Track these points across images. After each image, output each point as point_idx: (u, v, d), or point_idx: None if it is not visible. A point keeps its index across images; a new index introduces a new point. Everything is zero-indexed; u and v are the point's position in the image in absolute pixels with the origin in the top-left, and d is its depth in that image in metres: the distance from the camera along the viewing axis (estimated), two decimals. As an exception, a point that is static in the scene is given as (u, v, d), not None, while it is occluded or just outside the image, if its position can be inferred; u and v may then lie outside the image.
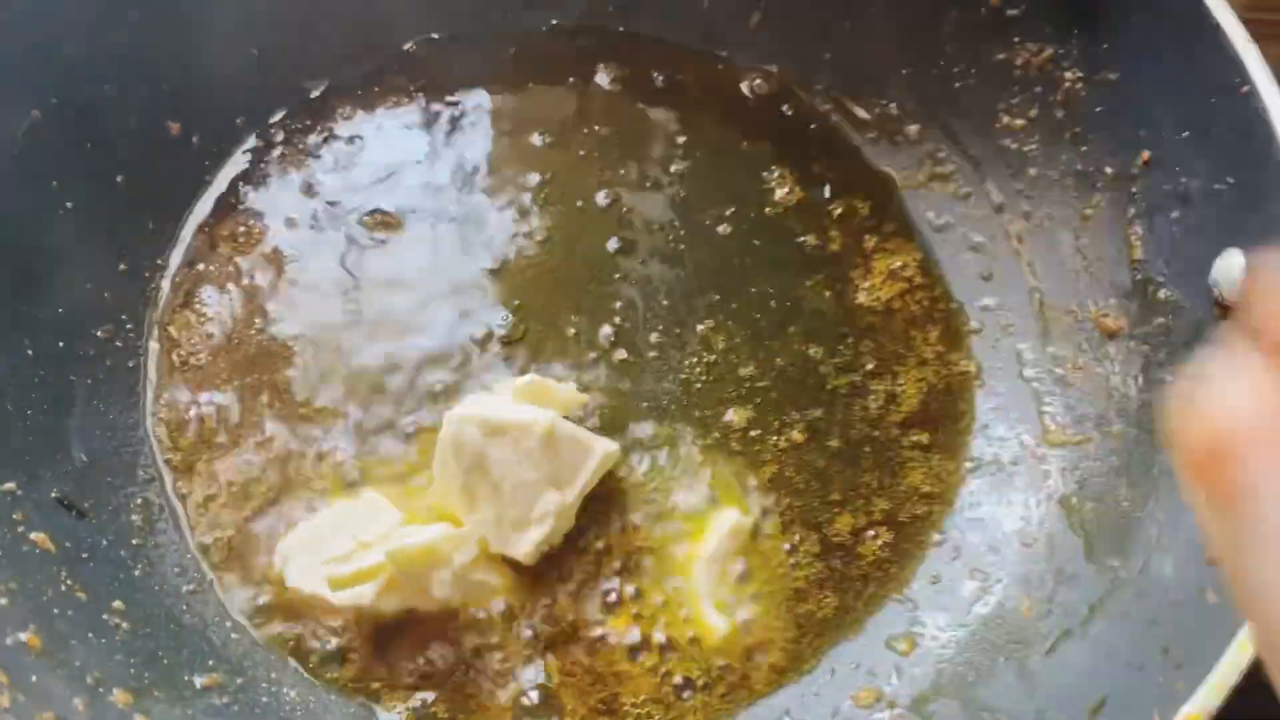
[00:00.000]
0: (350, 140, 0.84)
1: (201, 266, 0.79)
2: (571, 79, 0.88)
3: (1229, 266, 0.65)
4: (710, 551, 0.71)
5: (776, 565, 0.72)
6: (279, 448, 0.73)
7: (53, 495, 0.66)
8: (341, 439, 0.74)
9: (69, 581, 0.62)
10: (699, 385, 0.78)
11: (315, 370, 0.76)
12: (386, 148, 0.85)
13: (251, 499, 0.72)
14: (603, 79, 0.88)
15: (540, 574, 0.70)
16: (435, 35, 0.89)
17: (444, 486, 0.70)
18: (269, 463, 0.73)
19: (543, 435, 0.68)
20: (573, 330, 0.78)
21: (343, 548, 0.69)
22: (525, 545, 0.68)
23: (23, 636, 0.55)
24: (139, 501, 0.70)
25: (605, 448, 0.71)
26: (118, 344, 0.75)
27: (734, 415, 0.77)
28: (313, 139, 0.84)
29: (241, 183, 0.82)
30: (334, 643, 0.68)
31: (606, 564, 0.71)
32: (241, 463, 0.73)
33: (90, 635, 0.61)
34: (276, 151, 0.83)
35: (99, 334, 0.74)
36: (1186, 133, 0.70)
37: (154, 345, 0.76)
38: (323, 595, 0.67)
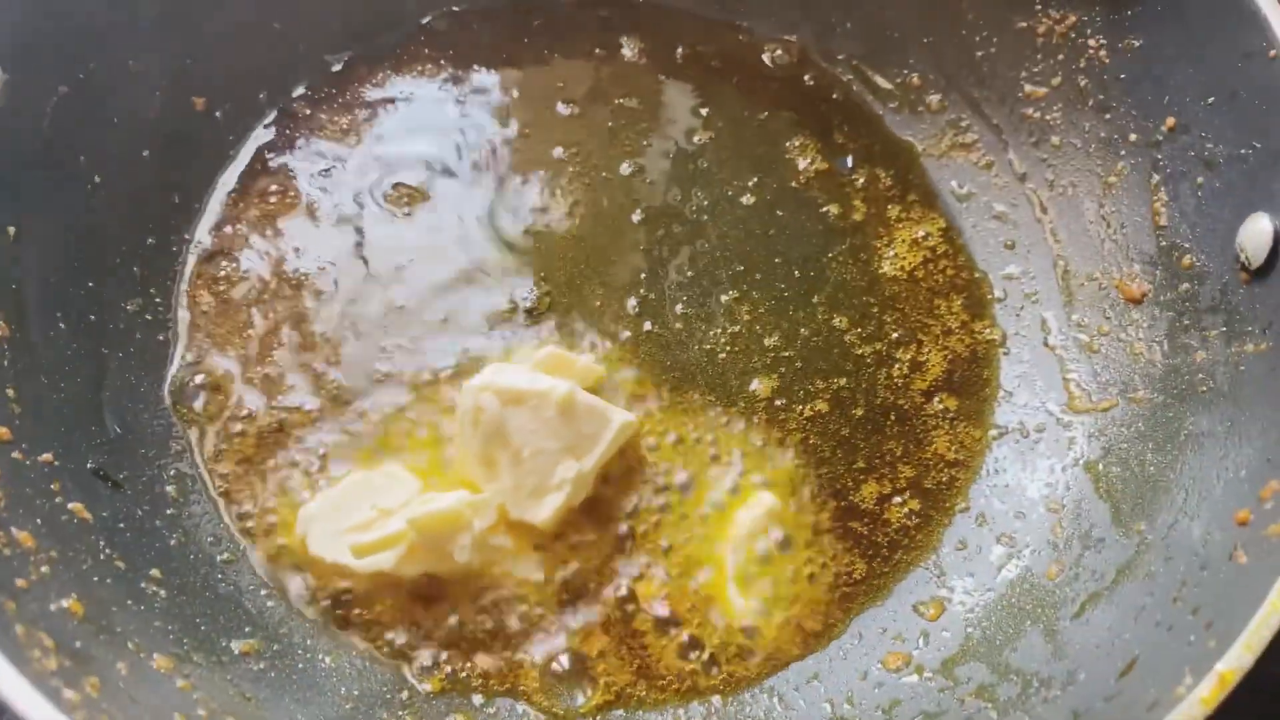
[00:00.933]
0: (372, 113, 0.85)
1: (227, 239, 0.79)
2: (594, 51, 0.88)
3: (1255, 231, 0.65)
4: (741, 532, 0.72)
5: (803, 533, 0.73)
6: (307, 418, 0.74)
7: (89, 467, 0.66)
8: (367, 407, 0.74)
9: (107, 550, 0.63)
10: (724, 355, 0.78)
11: (341, 341, 0.76)
12: (409, 120, 0.85)
13: (280, 468, 0.72)
14: (626, 50, 0.88)
15: (566, 542, 0.71)
16: (456, 8, 0.89)
17: (464, 455, 0.71)
18: (297, 432, 0.73)
19: (560, 404, 0.69)
20: (598, 302, 0.79)
21: (364, 516, 0.69)
22: (544, 511, 0.69)
23: (65, 603, 0.56)
24: (172, 473, 0.71)
25: (623, 418, 0.72)
26: (147, 317, 0.75)
27: (759, 385, 0.77)
28: (334, 112, 0.84)
29: (265, 156, 0.82)
30: (365, 610, 0.69)
31: (635, 534, 0.72)
32: (270, 432, 0.73)
33: (130, 603, 0.61)
34: (299, 125, 0.83)
35: (129, 307, 0.74)
36: (1212, 98, 0.70)
37: (183, 316, 0.76)
38: (345, 563, 0.68)
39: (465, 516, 0.68)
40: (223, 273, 0.78)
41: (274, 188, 0.81)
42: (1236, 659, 0.50)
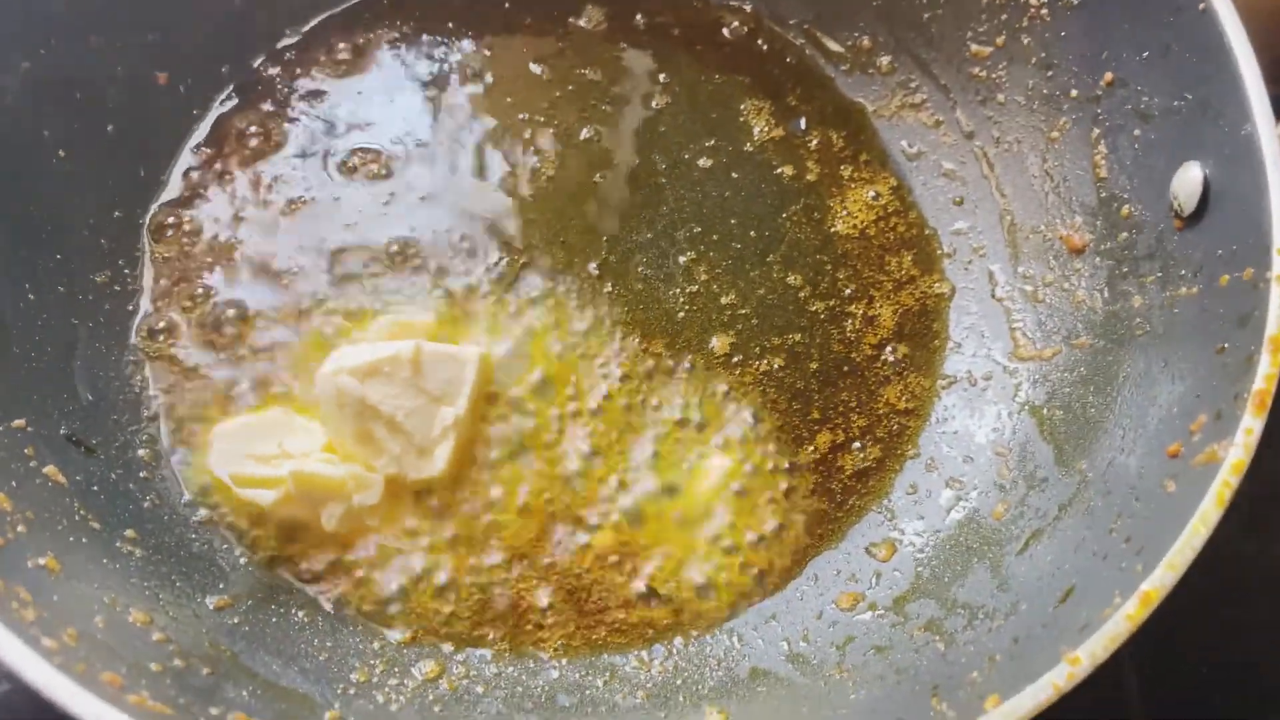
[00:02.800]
0: (332, 82, 0.86)
1: (190, 210, 0.80)
2: (554, 17, 0.89)
3: (1187, 180, 0.68)
4: (700, 488, 0.74)
5: (760, 482, 0.75)
6: (268, 380, 0.76)
7: (61, 433, 0.68)
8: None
9: (82, 512, 0.65)
10: (682, 314, 0.80)
11: (296, 305, 0.78)
12: (369, 87, 0.86)
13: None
14: (584, 19, 0.90)
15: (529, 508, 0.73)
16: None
17: (342, 443, 0.72)
18: (259, 392, 0.75)
19: (412, 360, 0.71)
20: (560, 265, 0.81)
21: (265, 449, 0.72)
22: (438, 464, 0.72)
23: (42, 561, 0.58)
24: (144, 438, 0.73)
25: (473, 354, 0.74)
26: (116, 288, 0.77)
27: (717, 342, 0.79)
28: (294, 82, 0.85)
29: (228, 128, 0.83)
30: (325, 563, 0.71)
31: (599, 485, 0.74)
32: (233, 395, 0.75)
33: (105, 561, 0.63)
34: (260, 96, 0.85)
35: (98, 279, 0.76)
36: (1147, 53, 0.72)
37: (148, 287, 0.78)
38: (229, 485, 0.71)
39: (346, 488, 0.70)
40: (186, 243, 0.79)
41: (233, 161, 0.82)
42: (1160, 578, 0.53)
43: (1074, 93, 0.78)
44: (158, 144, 0.81)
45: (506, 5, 0.90)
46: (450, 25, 0.88)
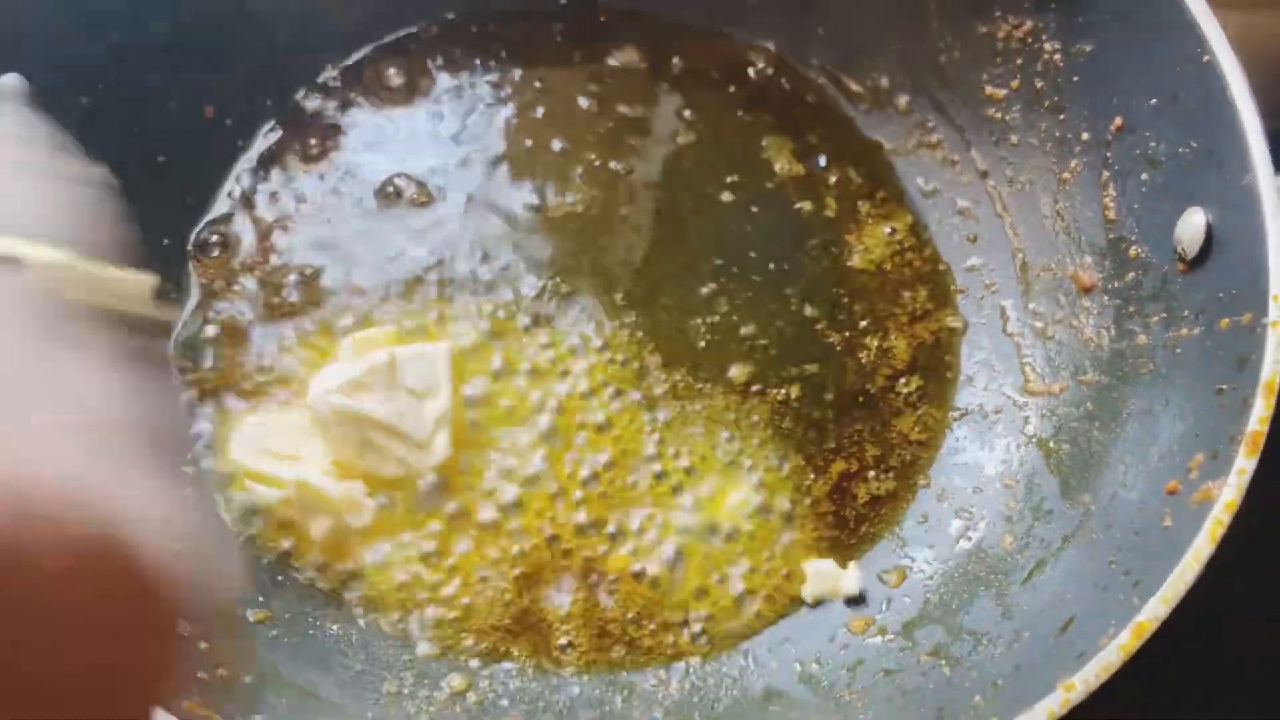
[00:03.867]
0: (374, 113, 0.90)
1: (235, 237, 0.84)
2: (580, 56, 0.93)
3: (1191, 224, 0.70)
4: (718, 517, 0.78)
5: (775, 510, 0.78)
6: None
7: (114, 451, 0.71)
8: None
9: (131, 527, 0.68)
10: (703, 344, 0.83)
11: (336, 333, 0.82)
12: (403, 124, 0.90)
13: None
14: (611, 57, 0.93)
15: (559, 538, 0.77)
16: (450, 15, 0.94)
17: (346, 459, 0.76)
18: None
19: (388, 367, 0.76)
20: (586, 294, 0.84)
21: (282, 448, 0.76)
22: (439, 451, 0.76)
23: (96, 573, 0.61)
24: (189, 457, 0.76)
25: (442, 348, 0.79)
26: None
27: (736, 371, 0.83)
28: (336, 115, 0.89)
29: (272, 159, 0.87)
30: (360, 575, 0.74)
31: (614, 510, 0.77)
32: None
33: (153, 574, 0.67)
34: (304, 127, 0.89)
35: (148, 306, 0.79)
36: (1154, 100, 0.75)
37: (195, 314, 0.82)
38: (240, 473, 0.75)
39: (338, 506, 0.74)
40: (233, 272, 0.83)
41: (277, 190, 0.86)
42: (1153, 610, 0.56)
43: (1085, 136, 0.81)
44: (205, 174, 0.85)
45: (531, 44, 0.93)
46: (475, 65, 0.92)
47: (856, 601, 0.76)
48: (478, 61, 0.92)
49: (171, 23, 0.81)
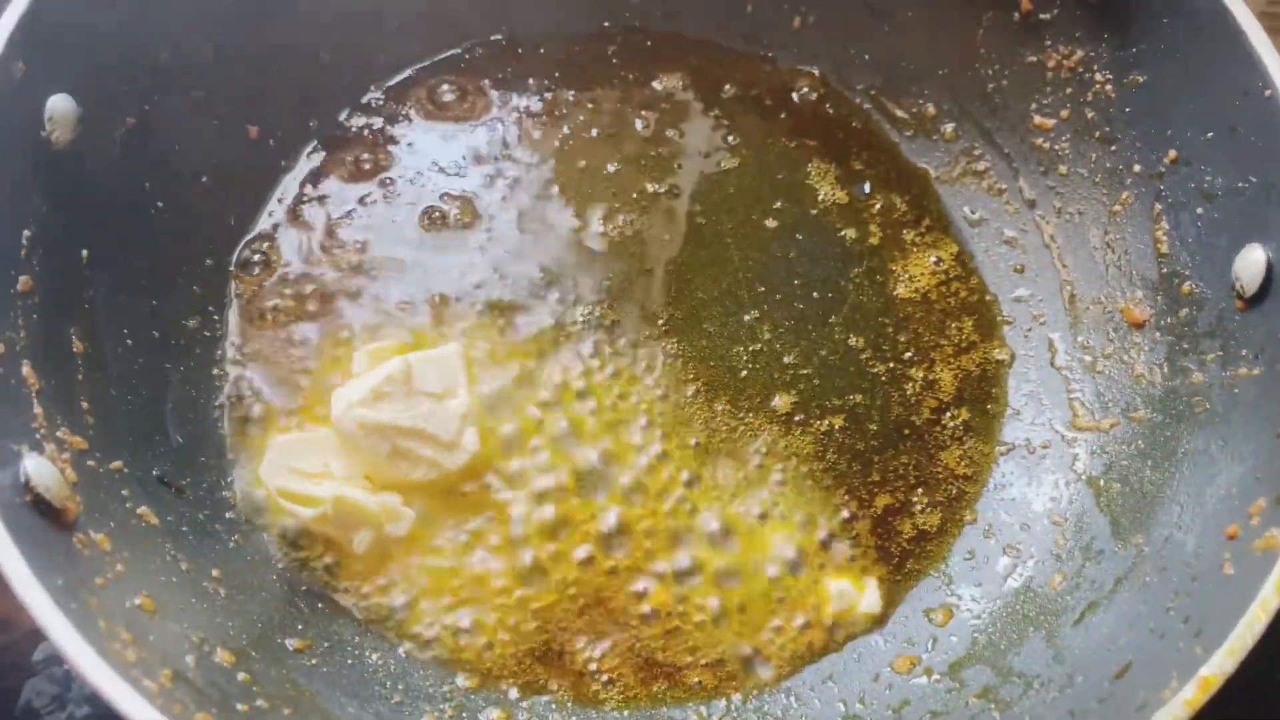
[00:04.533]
0: (415, 137, 0.89)
1: (277, 258, 0.84)
2: (625, 80, 0.93)
3: (1250, 261, 0.69)
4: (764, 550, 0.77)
5: (821, 544, 0.77)
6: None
7: (154, 474, 0.71)
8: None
9: (173, 553, 0.68)
10: (746, 372, 0.82)
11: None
12: (447, 145, 0.89)
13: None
14: (657, 80, 0.93)
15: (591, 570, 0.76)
16: (494, 37, 0.94)
17: (378, 471, 0.76)
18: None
19: (404, 374, 0.76)
20: (629, 318, 0.83)
21: (311, 466, 0.76)
22: (470, 447, 0.76)
23: (137, 601, 0.61)
24: (229, 479, 0.76)
25: (453, 348, 0.80)
26: (205, 333, 0.80)
27: (779, 400, 0.81)
28: (378, 138, 0.89)
29: (314, 180, 0.87)
30: (401, 602, 0.73)
31: (655, 539, 0.76)
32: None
33: (194, 601, 0.66)
34: (346, 149, 0.88)
35: (189, 324, 0.79)
36: (1211, 133, 0.74)
37: (234, 335, 0.81)
38: (274, 495, 0.75)
39: (377, 517, 0.74)
40: (274, 293, 0.83)
41: (320, 210, 0.86)
42: (1219, 664, 0.54)
43: (1137, 168, 0.80)
44: (248, 194, 0.85)
45: (576, 68, 0.93)
46: (519, 87, 0.92)
47: (880, 623, 0.75)
48: (530, 81, 0.92)
49: (216, 44, 0.80)
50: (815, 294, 0.86)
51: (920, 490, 0.80)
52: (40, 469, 0.59)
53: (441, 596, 0.74)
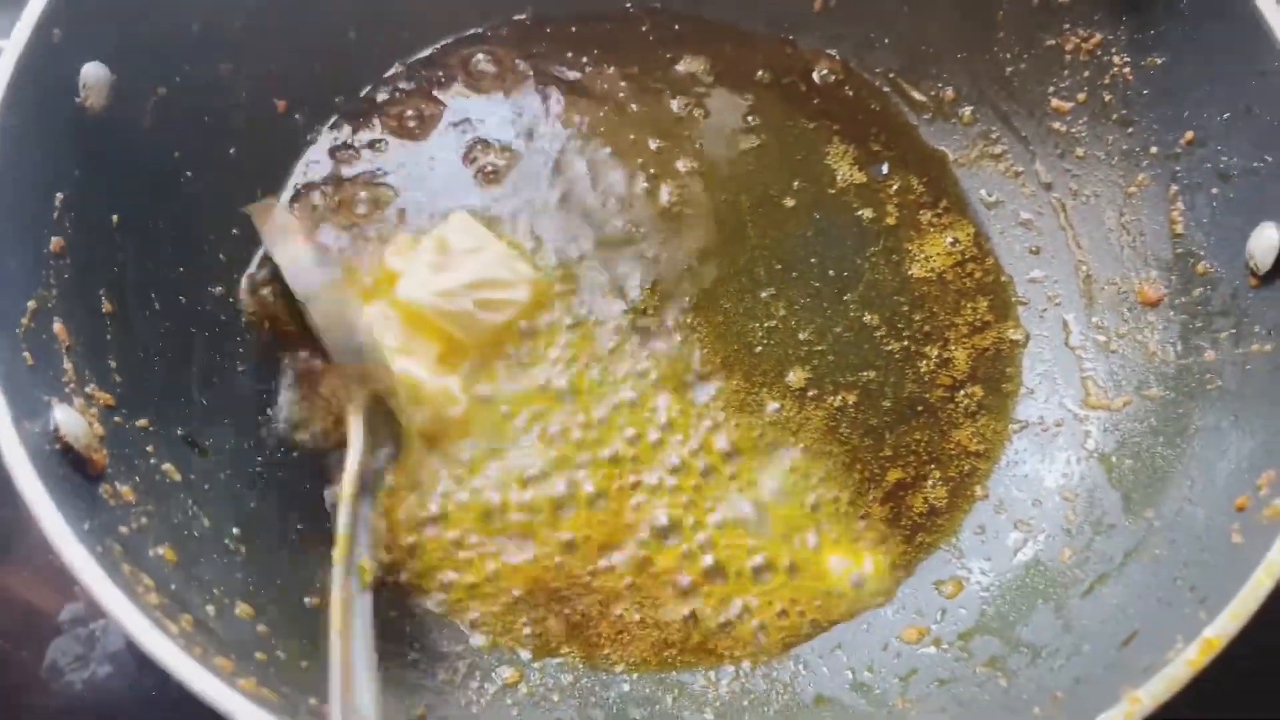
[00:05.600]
0: (441, 113, 0.91)
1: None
2: (656, 59, 0.94)
3: (1264, 239, 0.69)
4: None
5: (831, 515, 0.78)
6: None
7: (179, 433, 0.73)
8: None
9: (195, 508, 0.69)
10: (760, 348, 0.83)
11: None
12: (473, 123, 0.91)
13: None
14: (680, 63, 0.94)
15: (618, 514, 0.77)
16: (518, 16, 0.95)
17: (470, 326, 0.81)
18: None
19: (442, 244, 0.82)
20: (645, 292, 0.84)
21: (393, 340, 0.80)
22: (526, 270, 0.84)
23: (161, 551, 0.62)
24: (251, 443, 0.77)
25: (457, 215, 0.85)
26: (230, 300, 0.82)
27: (793, 376, 0.82)
28: (405, 114, 0.91)
29: (339, 155, 0.89)
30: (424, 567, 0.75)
31: (666, 508, 0.77)
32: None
33: (214, 556, 0.68)
34: (373, 125, 0.90)
35: (215, 291, 0.81)
36: (1227, 114, 0.74)
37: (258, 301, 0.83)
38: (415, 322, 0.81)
39: (435, 398, 0.79)
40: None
41: (344, 185, 0.87)
42: (1223, 626, 0.55)
43: (1153, 149, 0.80)
44: (275, 166, 0.87)
45: (599, 47, 0.94)
46: (543, 68, 0.93)
47: (890, 594, 0.76)
48: (538, 68, 0.94)
49: (245, 18, 0.82)
50: (831, 272, 0.86)
51: (932, 466, 0.80)
52: (69, 419, 0.60)
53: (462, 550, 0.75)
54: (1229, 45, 0.74)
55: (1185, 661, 0.54)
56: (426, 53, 0.93)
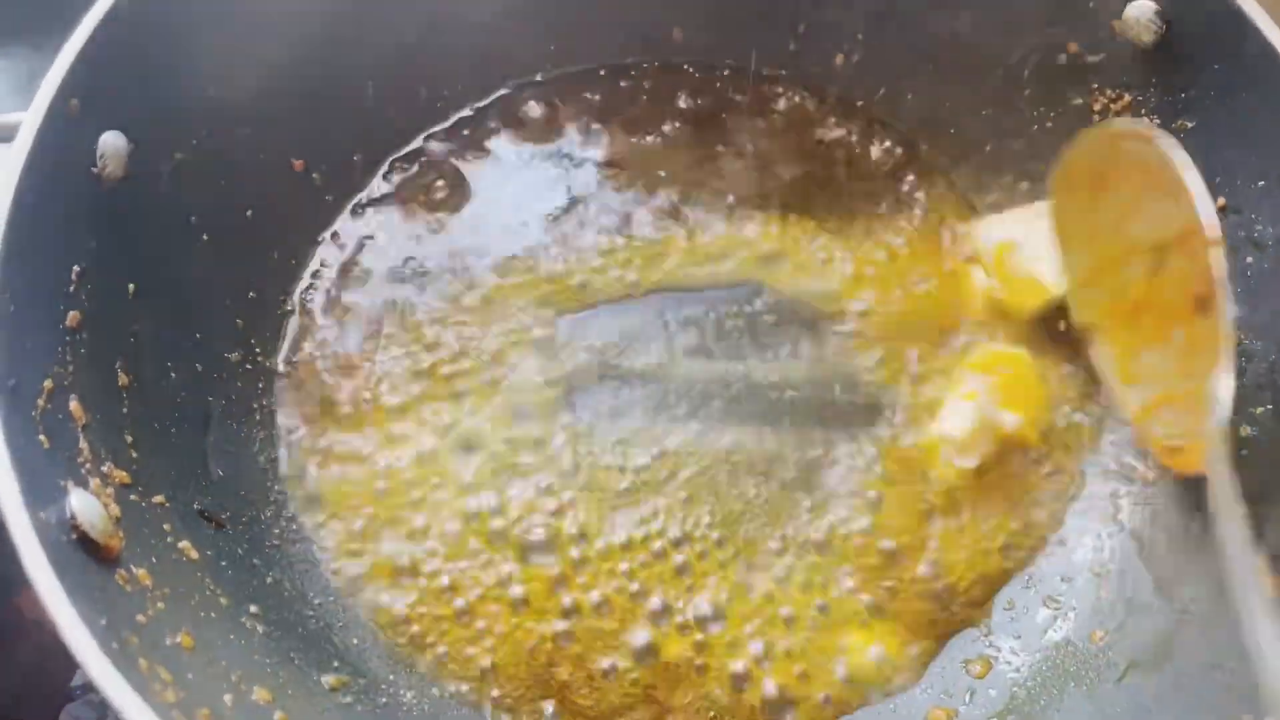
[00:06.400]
0: (457, 181, 0.90)
1: (319, 299, 0.85)
2: (660, 113, 0.94)
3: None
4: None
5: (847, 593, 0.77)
6: (389, 471, 0.79)
7: (195, 508, 0.72)
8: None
9: (212, 587, 0.68)
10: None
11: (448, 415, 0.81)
12: (495, 186, 0.91)
13: (372, 523, 0.78)
14: (687, 109, 0.95)
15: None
16: (538, 78, 0.95)
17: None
18: (386, 491, 0.79)
19: None
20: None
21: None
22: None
23: (178, 639, 0.61)
24: (268, 514, 0.77)
25: None
26: (247, 367, 0.81)
27: (817, 443, 0.81)
28: (423, 177, 0.90)
29: (359, 215, 0.88)
30: (443, 649, 0.74)
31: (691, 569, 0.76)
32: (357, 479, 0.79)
33: (232, 637, 0.67)
34: (392, 188, 0.89)
35: (231, 358, 0.80)
36: (1262, 181, 0.73)
37: (280, 370, 0.82)
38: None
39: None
40: (316, 333, 0.84)
41: (363, 251, 0.87)
42: (1268, 732, 0.53)
43: (1185, 215, 0.79)
44: (293, 229, 0.86)
45: (616, 101, 0.94)
46: (563, 125, 0.93)
47: (917, 676, 0.74)
48: (560, 126, 0.94)
49: (260, 82, 0.81)
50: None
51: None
52: (85, 505, 0.59)
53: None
54: (1262, 111, 0.73)
55: (1230, 773, 0.52)
56: (453, 120, 0.94)
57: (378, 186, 0.90)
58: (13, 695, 0.82)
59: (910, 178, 0.92)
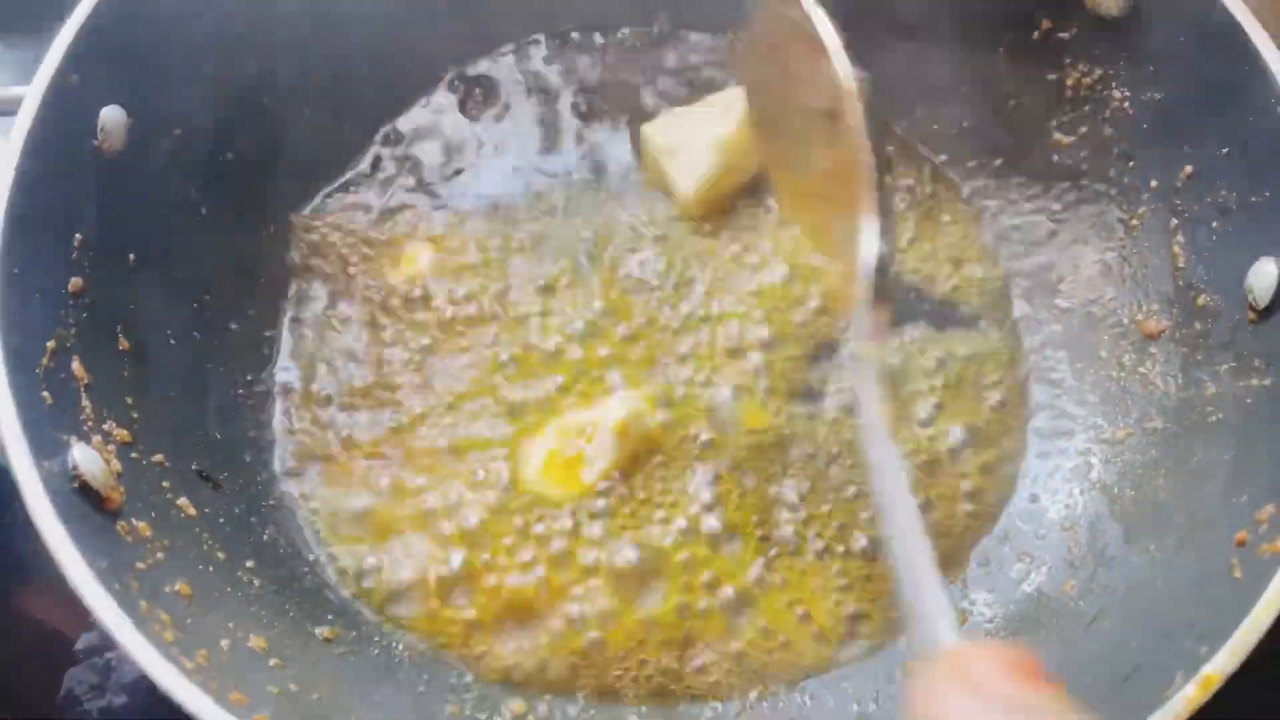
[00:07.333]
0: (459, 149, 0.93)
1: (313, 269, 0.87)
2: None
3: (1262, 274, 0.70)
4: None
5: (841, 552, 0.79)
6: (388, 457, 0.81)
7: (193, 468, 0.74)
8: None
9: (210, 542, 0.70)
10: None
11: (447, 373, 0.84)
12: (500, 155, 0.94)
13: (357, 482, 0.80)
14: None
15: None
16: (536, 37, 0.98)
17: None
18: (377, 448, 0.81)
19: None
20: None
21: None
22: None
23: (177, 586, 0.63)
24: (264, 476, 0.79)
25: None
26: (245, 336, 0.83)
27: (799, 408, 0.83)
28: (417, 147, 0.93)
29: (351, 192, 0.90)
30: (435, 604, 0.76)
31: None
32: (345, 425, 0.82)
33: (229, 589, 0.69)
34: (388, 163, 0.92)
35: (232, 327, 0.82)
36: (1226, 149, 0.75)
37: (284, 337, 0.85)
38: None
39: None
40: (308, 301, 0.86)
41: (361, 226, 0.89)
42: (1222, 663, 0.55)
43: (1154, 183, 0.81)
44: (286, 203, 0.89)
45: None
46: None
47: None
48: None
49: (259, 61, 0.84)
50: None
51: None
52: (86, 458, 0.62)
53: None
54: (1226, 81, 0.74)
55: (1184, 699, 0.54)
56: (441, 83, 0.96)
57: (373, 161, 0.92)
58: (16, 659, 0.84)
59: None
